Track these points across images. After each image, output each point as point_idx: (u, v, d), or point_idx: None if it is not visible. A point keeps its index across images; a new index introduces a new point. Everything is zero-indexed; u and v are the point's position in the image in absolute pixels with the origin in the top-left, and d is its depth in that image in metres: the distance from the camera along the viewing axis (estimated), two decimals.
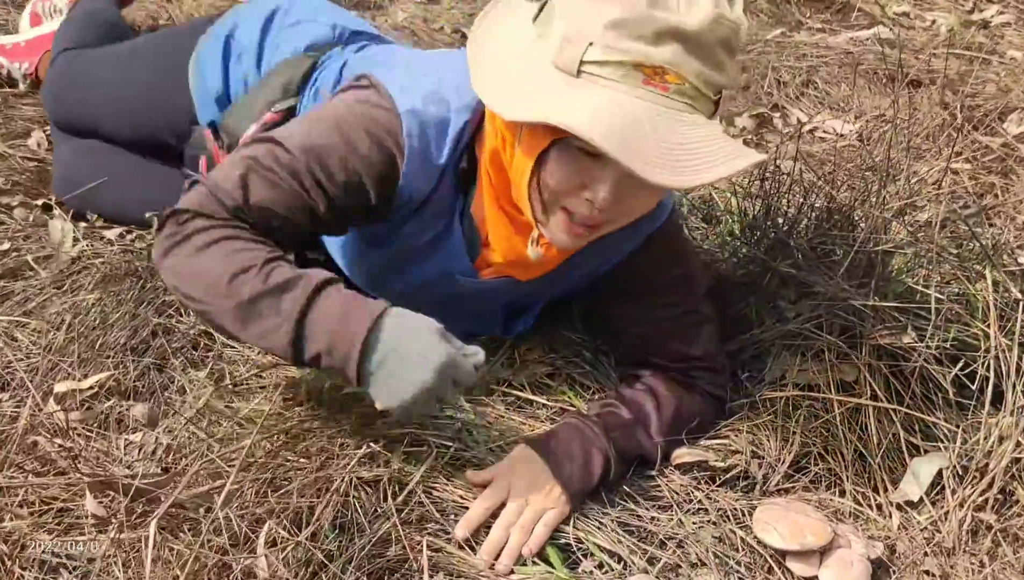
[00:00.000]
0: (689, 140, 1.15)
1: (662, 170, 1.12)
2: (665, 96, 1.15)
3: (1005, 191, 2.23)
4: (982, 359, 1.58)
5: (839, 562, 1.38)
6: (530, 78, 1.20)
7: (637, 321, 1.55)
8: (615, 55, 1.14)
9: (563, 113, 1.13)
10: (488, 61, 1.25)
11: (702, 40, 1.14)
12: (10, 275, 1.86)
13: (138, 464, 1.45)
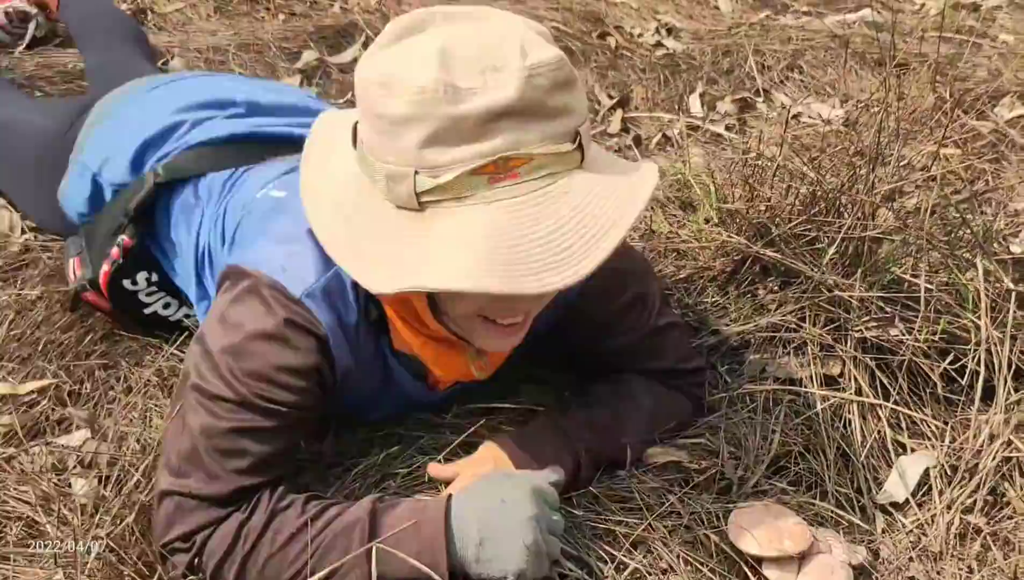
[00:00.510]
0: (567, 216, 1.03)
1: (554, 272, 1.01)
2: (519, 184, 1.02)
3: (996, 177, 2.16)
4: (972, 353, 1.52)
5: (819, 569, 1.30)
6: (381, 236, 1.08)
7: (603, 352, 1.46)
8: (445, 174, 1.01)
9: (425, 276, 1.02)
10: (335, 225, 1.13)
11: (528, 105, 1.01)
12: None
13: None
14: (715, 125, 2.30)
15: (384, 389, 1.36)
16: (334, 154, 1.18)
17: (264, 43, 2.52)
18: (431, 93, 0.99)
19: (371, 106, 1.05)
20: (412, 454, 1.42)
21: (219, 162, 1.55)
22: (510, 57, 1.01)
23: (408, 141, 1.02)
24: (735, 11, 2.95)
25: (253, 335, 1.18)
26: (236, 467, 1.17)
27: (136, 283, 1.58)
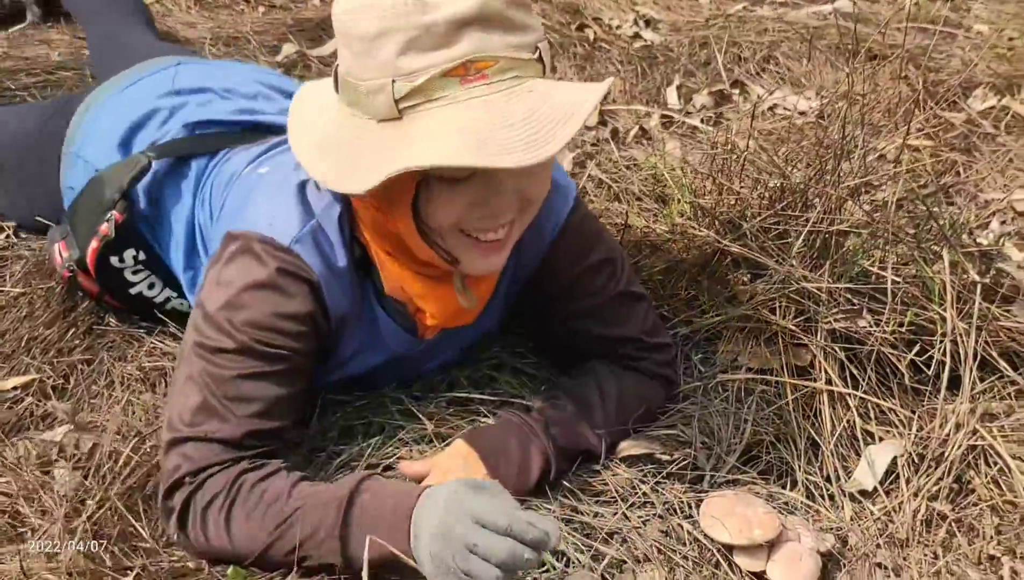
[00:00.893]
0: (532, 108, 1.11)
1: (525, 151, 1.08)
2: (488, 84, 1.11)
3: (967, 169, 2.19)
4: (939, 343, 1.55)
5: (788, 556, 1.34)
6: (365, 147, 1.17)
7: (571, 313, 1.51)
8: (420, 77, 1.10)
9: (410, 158, 1.09)
10: (321, 153, 1.22)
11: (488, 13, 1.11)
12: None
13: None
14: (691, 118, 2.32)
15: (370, 342, 1.42)
16: (317, 110, 1.26)
17: (243, 36, 2.54)
18: (401, 6, 1.09)
19: (347, 31, 1.14)
20: (394, 444, 1.45)
21: (203, 145, 1.61)
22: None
23: (385, 54, 1.11)
24: (713, 2, 2.97)
25: (247, 286, 1.26)
26: (244, 412, 1.25)
27: (123, 261, 1.60)
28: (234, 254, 1.29)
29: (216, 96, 1.71)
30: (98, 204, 1.60)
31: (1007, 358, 1.58)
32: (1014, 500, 1.45)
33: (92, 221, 1.60)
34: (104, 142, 1.67)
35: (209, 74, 1.78)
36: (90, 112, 1.74)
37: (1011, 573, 1.38)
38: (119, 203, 1.57)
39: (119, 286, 1.65)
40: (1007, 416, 1.54)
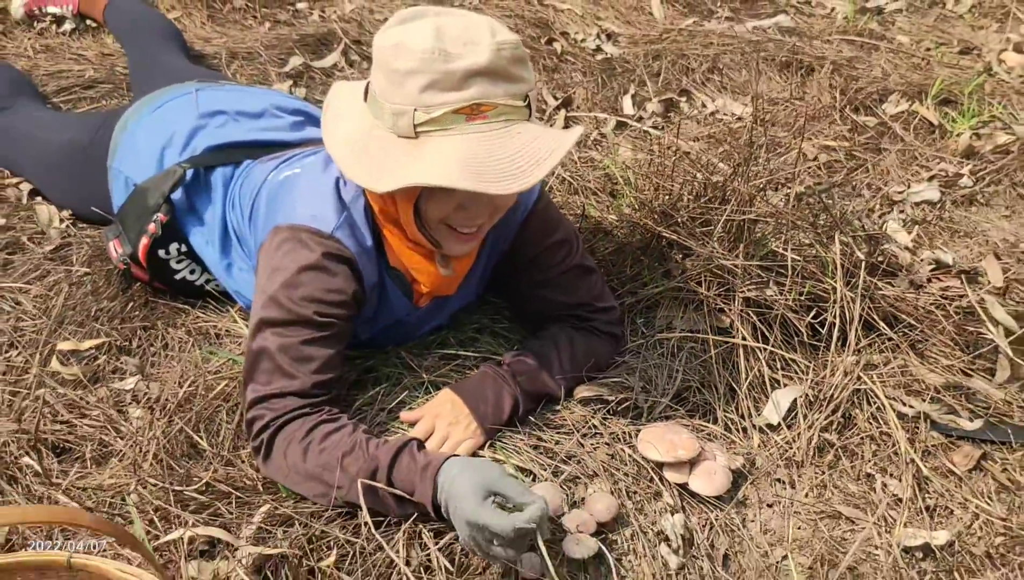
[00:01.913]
0: (519, 148, 1.45)
1: (508, 182, 1.42)
2: (487, 123, 1.45)
3: (875, 166, 2.56)
4: (830, 309, 1.92)
5: (706, 471, 1.70)
6: (385, 155, 1.49)
7: (535, 282, 1.87)
8: (436, 111, 1.44)
9: (420, 175, 1.43)
10: (351, 153, 1.54)
11: (495, 68, 1.44)
12: (9, 249, 2.13)
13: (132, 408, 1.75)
14: (643, 123, 2.68)
15: (380, 307, 1.77)
16: (344, 112, 1.60)
17: (255, 50, 2.88)
18: (429, 54, 1.42)
19: (386, 63, 1.48)
20: (397, 390, 1.81)
21: (226, 158, 1.95)
22: (484, 36, 1.45)
23: (411, 88, 1.44)
24: (667, 17, 3.32)
25: (300, 269, 1.61)
26: (308, 369, 1.60)
27: (168, 253, 1.95)
28: (284, 244, 1.64)
29: (230, 119, 2.05)
30: (144, 209, 1.94)
31: (886, 320, 1.96)
32: (888, 431, 1.83)
33: (141, 223, 1.94)
34: (141, 160, 2.02)
35: (223, 99, 2.12)
36: (126, 131, 2.08)
37: (882, 486, 1.76)
38: (163, 206, 1.92)
39: (166, 273, 1.99)
40: (884, 366, 1.91)
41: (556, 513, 1.60)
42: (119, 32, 2.80)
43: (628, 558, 1.58)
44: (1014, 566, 1.61)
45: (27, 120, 2.36)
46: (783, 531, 1.67)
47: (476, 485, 1.45)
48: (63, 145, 2.22)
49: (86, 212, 2.21)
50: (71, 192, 2.23)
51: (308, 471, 1.56)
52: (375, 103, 1.52)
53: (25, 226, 2.21)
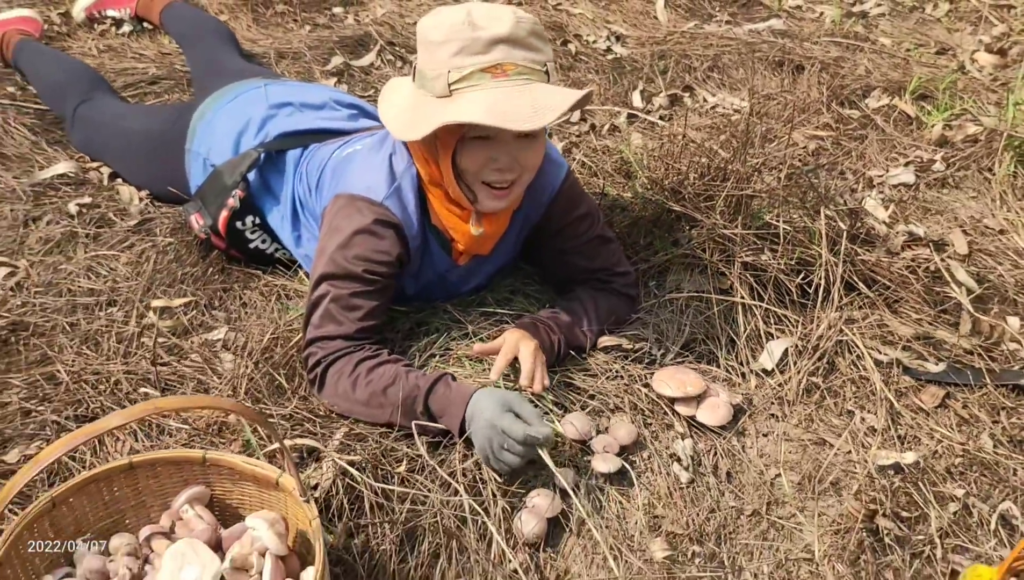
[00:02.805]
0: (535, 98, 1.74)
1: (526, 121, 1.71)
2: (509, 79, 1.75)
3: (858, 153, 2.87)
4: (817, 272, 2.22)
5: (710, 405, 2.01)
6: (425, 111, 1.80)
7: (562, 250, 2.16)
8: (466, 70, 1.74)
9: (451, 115, 1.73)
10: (397, 115, 1.87)
11: (515, 37, 1.74)
12: (97, 223, 2.43)
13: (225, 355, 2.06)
14: (651, 116, 2.99)
15: (423, 262, 2.07)
16: (396, 89, 1.94)
17: (299, 51, 3.19)
18: (459, 26, 1.74)
19: (424, 36, 1.79)
20: (445, 341, 2.11)
21: (295, 143, 2.26)
22: (507, 13, 1.76)
23: (444, 53, 1.75)
24: (670, 20, 3.63)
25: (354, 232, 1.92)
26: (355, 317, 1.92)
27: (244, 224, 2.26)
28: (342, 209, 1.95)
29: (296, 110, 2.36)
30: (223, 187, 2.25)
31: (865, 281, 2.26)
32: (866, 375, 2.13)
33: (220, 198, 2.24)
34: (218, 144, 2.33)
35: (290, 92, 2.42)
36: (204, 119, 2.39)
37: (860, 419, 2.06)
38: (240, 184, 2.24)
39: (242, 243, 2.30)
40: (863, 320, 2.21)
41: (586, 437, 1.90)
42: (177, 34, 3.10)
43: (646, 475, 1.89)
44: (969, 480, 1.92)
45: (106, 111, 2.67)
46: (776, 454, 1.97)
47: (500, 400, 1.76)
48: (141, 133, 2.53)
49: (162, 192, 2.51)
50: (149, 174, 2.53)
51: (358, 399, 1.87)
52: (419, 77, 1.83)
53: (109, 204, 2.51)
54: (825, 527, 1.81)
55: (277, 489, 1.53)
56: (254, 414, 1.35)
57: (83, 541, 1.52)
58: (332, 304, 1.92)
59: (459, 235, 2.02)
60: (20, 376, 1.98)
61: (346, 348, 1.91)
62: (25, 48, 2.94)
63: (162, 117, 2.54)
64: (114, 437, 1.84)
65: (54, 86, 2.79)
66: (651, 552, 1.74)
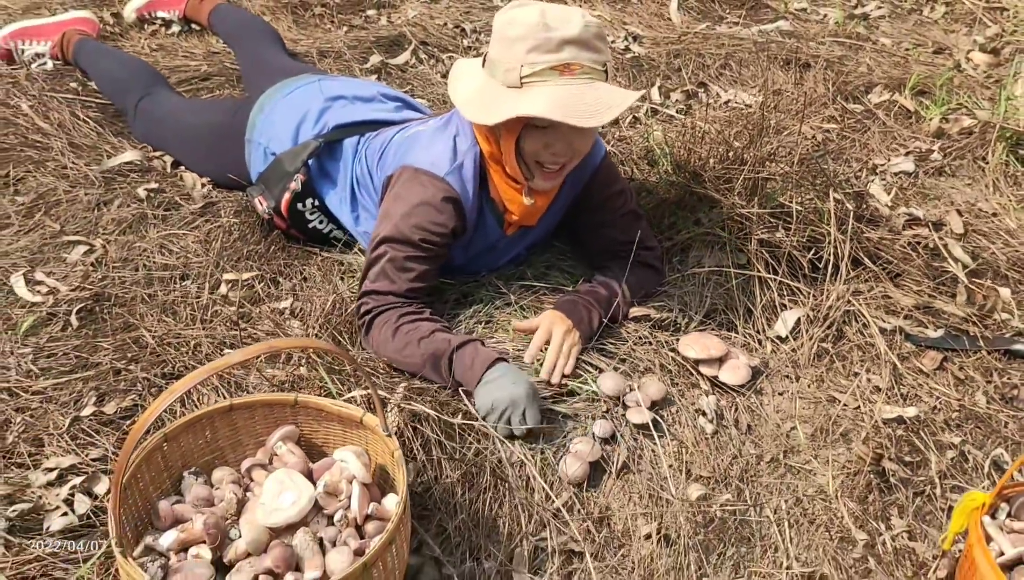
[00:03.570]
0: (597, 96, 1.95)
1: (588, 118, 1.93)
2: (575, 78, 1.95)
3: (862, 143, 3.09)
4: (827, 248, 2.44)
5: (731, 367, 2.22)
6: (498, 99, 2.00)
7: (599, 223, 2.39)
8: (538, 67, 1.95)
9: (524, 108, 1.94)
10: (470, 99, 2.07)
11: (583, 39, 1.94)
12: (165, 206, 2.65)
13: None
14: (669, 109, 3.21)
15: (476, 233, 2.29)
16: (463, 75, 2.15)
17: (339, 50, 3.41)
18: (534, 26, 1.93)
19: (502, 32, 1.98)
20: (490, 310, 2.33)
21: (351, 132, 2.47)
22: (577, 16, 1.97)
23: (519, 49, 1.95)
24: (683, 22, 3.85)
25: (417, 203, 2.14)
26: (407, 278, 2.15)
27: (304, 206, 2.47)
28: (407, 181, 2.17)
29: (349, 102, 2.58)
30: (285, 172, 2.45)
31: (870, 257, 2.47)
32: (871, 342, 2.34)
33: (283, 183, 2.45)
34: (278, 134, 2.53)
35: (342, 86, 2.63)
36: (263, 112, 2.60)
37: (867, 380, 2.27)
38: (301, 169, 2.45)
39: (302, 223, 2.52)
40: (868, 292, 2.42)
41: (620, 394, 2.12)
42: (226, 35, 3.32)
43: (675, 427, 2.10)
44: (965, 431, 2.14)
45: (165, 106, 2.88)
46: (791, 410, 2.19)
47: (511, 392, 1.96)
48: (202, 126, 2.74)
49: (223, 179, 2.72)
50: (211, 162, 2.74)
51: (395, 347, 2.10)
52: (491, 65, 2.04)
53: (173, 189, 2.73)
54: (837, 470, 2.03)
55: (360, 427, 1.74)
56: (352, 358, 1.57)
57: (189, 473, 1.73)
58: (388, 264, 2.15)
59: (514, 206, 2.24)
60: (108, 340, 2.20)
61: (394, 303, 2.14)
62: (84, 47, 3.16)
63: (220, 110, 2.76)
64: (199, 393, 2.06)
65: (115, 82, 3.00)
66: (686, 493, 1.95)
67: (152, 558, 1.57)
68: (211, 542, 1.58)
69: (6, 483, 1.86)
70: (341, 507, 1.65)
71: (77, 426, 1.98)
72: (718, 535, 1.89)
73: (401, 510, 1.53)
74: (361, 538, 1.63)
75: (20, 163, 2.76)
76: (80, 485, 1.87)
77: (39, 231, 2.54)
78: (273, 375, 2.06)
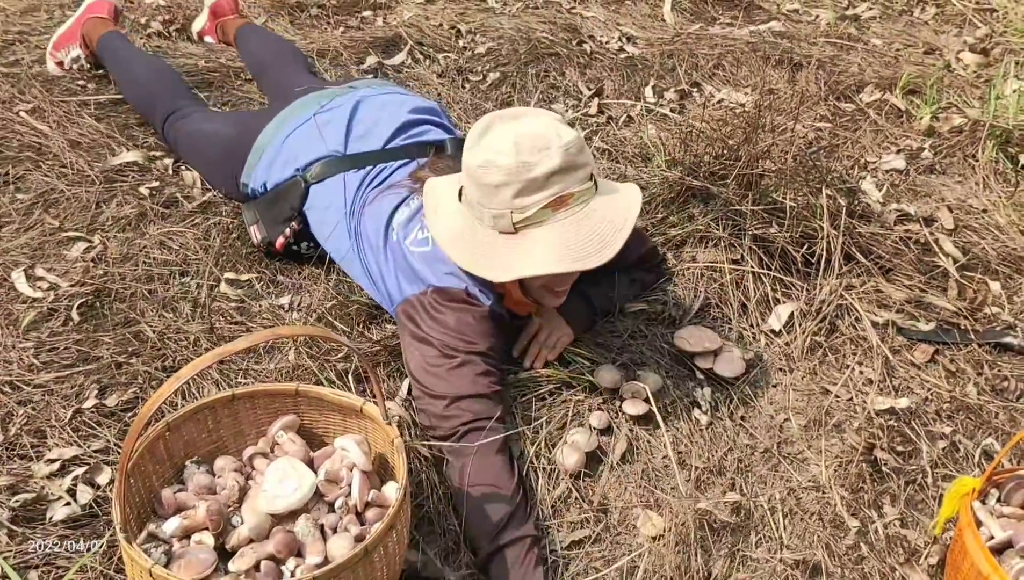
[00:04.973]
0: (598, 223, 1.87)
1: (596, 256, 1.86)
2: (570, 209, 1.86)
3: (853, 142, 3.13)
4: (819, 243, 2.47)
5: (726, 359, 2.25)
6: (494, 250, 1.89)
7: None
8: (530, 210, 1.84)
9: (529, 270, 1.86)
10: (455, 242, 1.94)
11: (565, 165, 1.83)
12: (165, 204, 2.67)
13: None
14: (663, 108, 3.25)
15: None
16: (442, 207, 2.01)
17: (336, 50, 3.43)
18: (514, 168, 1.82)
19: (479, 179, 1.86)
20: None
21: (338, 169, 2.36)
22: (552, 140, 1.84)
23: (504, 196, 1.84)
24: (677, 23, 3.88)
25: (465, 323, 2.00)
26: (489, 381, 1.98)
27: (299, 248, 2.44)
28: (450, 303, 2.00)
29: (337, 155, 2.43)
30: (278, 214, 2.40)
31: (862, 252, 2.50)
32: (864, 335, 2.37)
33: (277, 226, 2.40)
34: (272, 177, 2.46)
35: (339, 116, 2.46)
36: (264, 156, 2.48)
37: (859, 373, 2.31)
38: (296, 218, 2.38)
39: (296, 256, 2.47)
40: (860, 286, 2.45)
41: (616, 386, 2.15)
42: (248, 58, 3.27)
43: (670, 418, 2.13)
44: (956, 422, 2.17)
45: (187, 126, 2.78)
46: (784, 402, 2.22)
47: None
48: (221, 139, 2.66)
49: (225, 192, 2.70)
50: (214, 178, 2.70)
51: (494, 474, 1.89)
52: (473, 207, 1.92)
53: (174, 188, 2.74)
54: (830, 459, 2.06)
55: (360, 416, 1.77)
56: (354, 346, 1.60)
57: (191, 462, 1.76)
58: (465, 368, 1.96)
59: (522, 309, 2.18)
60: (109, 335, 2.22)
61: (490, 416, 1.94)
62: (107, 45, 3.08)
63: (231, 124, 2.70)
64: (200, 385, 2.08)
65: (140, 96, 2.94)
66: (682, 483, 1.98)
67: (155, 544, 1.59)
68: (214, 528, 1.60)
69: (9, 474, 1.88)
70: (342, 494, 1.67)
71: (79, 418, 2.00)
72: (713, 524, 1.91)
73: (402, 495, 1.56)
74: (361, 524, 1.65)
75: (20, 162, 2.78)
76: (82, 476, 1.89)
77: (39, 228, 2.56)
78: (271, 370, 2.09)
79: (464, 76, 3.39)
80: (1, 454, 1.93)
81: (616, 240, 1.88)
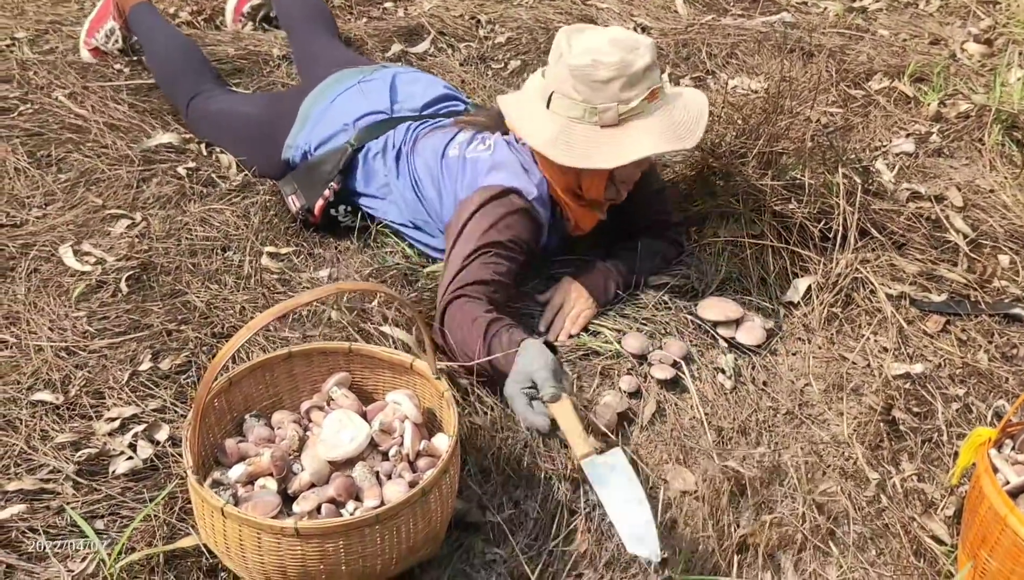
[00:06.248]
0: (681, 111, 2.17)
1: (690, 138, 2.15)
2: (659, 100, 2.15)
3: (865, 127, 3.24)
4: (836, 219, 2.57)
5: (748, 328, 2.35)
6: (598, 141, 2.12)
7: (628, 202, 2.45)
8: (634, 101, 2.11)
9: (642, 150, 2.11)
10: (554, 142, 2.14)
11: (653, 61, 2.12)
12: (203, 183, 2.77)
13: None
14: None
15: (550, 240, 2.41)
16: (527, 116, 2.22)
17: (361, 39, 3.54)
18: (620, 64, 2.07)
19: (587, 76, 2.08)
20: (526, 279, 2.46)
21: (380, 132, 2.54)
22: (638, 41, 2.12)
23: (612, 89, 2.09)
24: (689, 14, 3.99)
25: (505, 214, 2.19)
26: (493, 269, 2.15)
27: (338, 212, 2.57)
28: (495, 198, 2.20)
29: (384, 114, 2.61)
30: (319, 177, 2.54)
31: (876, 227, 2.60)
32: (879, 306, 2.48)
33: (318, 187, 2.53)
34: (318, 135, 2.61)
35: (381, 86, 2.65)
36: (305, 127, 2.64)
37: (874, 341, 2.41)
38: (336, 178, 2.52)
39: (333, 224, 2.59)
40: (875, 260, 2.55)
41: (644, 352, 2.25)
42: (283, 21, 3.39)
43: (696, 382, 2.23)
44: (969, 385, 2.27)
45: (212, 107, 2.92)
46: (804, 368, 2.32)
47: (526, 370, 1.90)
48: (246, 118, 2.82)
49: (265, 172, 2.81)
50: (251, 156, 2.81)
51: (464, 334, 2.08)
52: (574, 106, 2.12)
53: (210, 168, 2.85)
54: (849, 420, 2.16)
55: (410, 373, 1.87)
56: (407, 301, 1.70)
57: (251, 416, 1.86)
58: (476, 262, 2.16)
59: (586, 222, 2.38)
60: (157, 305, 2.32)
61: (480, 296, 2.13)
62: (137, 15, 3.18)
63: (264, 104, 2.85)
64: (258, 343, 2.17)
65: (165, 73, 3.06)
66: (708, 440, 2.08)
67: (221, 490, 1.69)
68: (277, 473, 1.70)
69: (72, 431, 1.98)
70: (395, 444, 1.77)
71: (136, 380, 2.10)
72: (740, 479, 2.01)
73: (455, 442, 1.66)
74: (413, 472, 1.75)
75: (61, 144, 2.88)
76: (142, 433, 1.98)
77: (83, 206, 2.66)
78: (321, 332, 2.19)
79: (487, 64, 3.49)
80: (63, 413, 2.03)
81: (698, 127, 2.16)
